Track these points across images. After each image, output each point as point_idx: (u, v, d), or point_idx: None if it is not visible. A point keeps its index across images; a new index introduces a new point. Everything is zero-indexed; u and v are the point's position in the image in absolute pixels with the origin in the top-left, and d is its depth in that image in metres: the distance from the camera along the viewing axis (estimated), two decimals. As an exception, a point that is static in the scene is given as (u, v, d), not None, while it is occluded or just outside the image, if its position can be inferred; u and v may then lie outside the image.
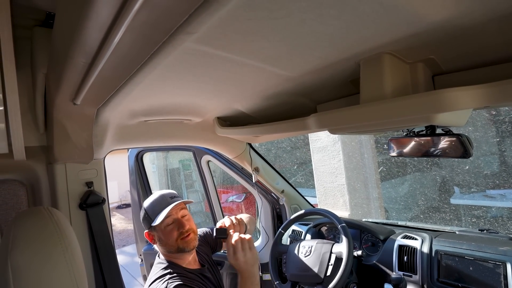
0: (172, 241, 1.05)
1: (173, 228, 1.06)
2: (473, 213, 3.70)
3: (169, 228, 1.06)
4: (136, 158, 2.20)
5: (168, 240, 1.05)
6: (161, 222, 1.04)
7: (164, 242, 1.06)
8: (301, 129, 0.92)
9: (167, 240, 1.05)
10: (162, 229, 1.05)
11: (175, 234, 1.05)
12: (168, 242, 1.05)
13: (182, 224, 1.07)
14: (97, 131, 1.00)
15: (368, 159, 3.60)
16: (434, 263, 1.11)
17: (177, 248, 1.05)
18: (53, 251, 0.57)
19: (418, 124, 0.69)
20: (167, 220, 1.05)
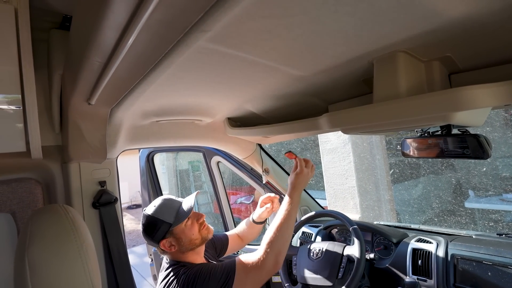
0: (195, 234, 1.05)
1: (193, 221, 1.07)
2: (489, 217, 3.59)
3: (189, 223, 1.06)
4: (147, 158, 2.23)
5: (192, 235, 1.04)
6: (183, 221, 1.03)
7: (187, 240, 1.03)
8: (313, 129, 0.91)
9: (190, 236, 1.04)
10: (183, 227, 1.03)
11: (197, 227, 1.06)
12: (192, 237, 1.04)
13: (198, 215, 1.09)
14: (110, 131, 1.01)
15: (379, 161, 3.54)
16: (450, 268, 1.08)
17: (201, 239, 1.07)
18: (68, 247, 0.58)
19: (433, 123, 0.68)
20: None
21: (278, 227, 1.00)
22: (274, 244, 0.97)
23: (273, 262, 0.94)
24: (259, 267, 0.94)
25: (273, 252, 0.96)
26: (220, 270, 0.94)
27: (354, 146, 3.47)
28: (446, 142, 0.94)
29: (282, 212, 1.04)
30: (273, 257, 0.95)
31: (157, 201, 1.05)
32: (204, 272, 0.94)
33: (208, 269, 0.95)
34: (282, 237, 0.99)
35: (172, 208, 1.04)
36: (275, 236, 0.98)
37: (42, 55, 0.98)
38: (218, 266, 0.97)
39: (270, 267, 0.94)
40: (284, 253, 0.98)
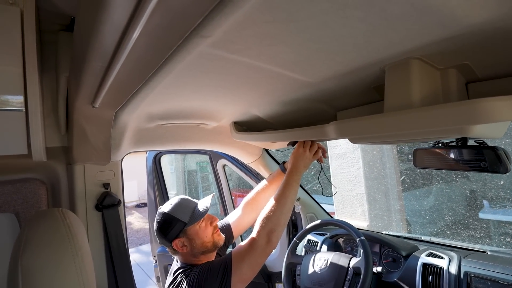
0: (208, 237, 1.04)
1: (207, 224, 1.06)
2: (504, 230, 3.44)
3: (203, 225, 1.05)
4: (154, 159, 2.23)
5: (205, 237, 1.03)
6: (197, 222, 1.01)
7: (200, 241, 1.02)
8: (320, 136, 0.88)
9: (203, 237, 1.03)
10: (197, 229, 1.02)
11: (210, 230, 1.06)
12: (205, 239, 1.03)
13: (212, 217, 1.09)
14: (115, 133, 1.01)
15: (390, 169, 3.45)
16: (463, 286, 1.02)
17: (213, 244, 1.05)
18: (63, 256, 0.57)
19: (448, 136, 0.64)
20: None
21: (273, 204, 1.00)
22: (267, 222, 0.97)
23: (265, 240, 0.94)
24: (252, 247, 0.94)
25: (265, 230, 0.96)
26: (218, 262, 0.96)
27: (364, 152, 3.39)
28: (462, 153, 0.89)
29: (278, 190, 1.03)
30: (265, 235, 0.94)
31: (174, 199, 1.05)
32: (204, 269, 0.95)
33: (207, 265, 0.97)
34: (275, 215, 0.98)
35: (188, 208, 1.03)
36: (268, 213, 0.98)
37: (51, 57, 0.99)
38: (216, 260, 0.99)
39: (262, 245, 0.94)
40: (278, 233, 0.97)
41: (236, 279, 0.91)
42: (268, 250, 0.95)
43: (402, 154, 3.69)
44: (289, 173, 1.08)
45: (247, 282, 0.95)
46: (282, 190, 1.03)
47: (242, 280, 0.93)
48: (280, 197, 1.02)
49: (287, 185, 1.05)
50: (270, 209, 1.00)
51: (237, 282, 0.91)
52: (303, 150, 1.11)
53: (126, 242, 1.18)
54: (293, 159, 1.11)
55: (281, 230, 0.99)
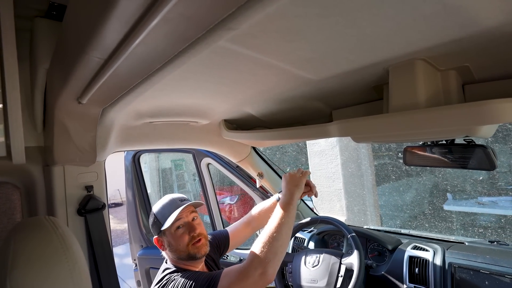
0: (183, 246, 0.99)
1: (184, 232, 1.01)
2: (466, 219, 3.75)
3: (179, 232, 1.01)
4: (133, 158, 2.12)
5: (179, 246, 0.99)
6: (170, 226, 0.98)
7: (174, 247, 1.00)
8: (320, 135, 0.88)
9: (177, 245, 1.00)
10: (172, 233, 1.00)
11: (186, 239, 1.00)
12: (179, 247, 0.99)
13: (193, 227, 1.02)
14: (100, 132, 0.93)
15: (365, 164, 3.60)
16: (448, 276, 1.08)
17: (187, 255, 1.00)
18: (60, 271, 0.50)
19: (454, 136, 0.66)
20: (177, 223, 1.00)
21: (269, 233, 0.90)
22: (262, 251, 0.86)
23: (259, 271, 0.83)
24: (243, 275, 0.83)
25: (259, 259, 0.84)
26: (205, 277, 0.89)
27: (342, 149, 3.50)
28: (451, 151, 0.94)
29: (275, 218, 0.94)
30: (259, 265, 0.83)
31: (163, 199, 1.06)
32: (190, 280, 0.89)
33: (195, 275, 0.91)
34: (272, 245, 0.87)
35: (168, 211, 1.01)
36: (264, 243, 0.88)
37: (24, 46, 0.88)
38: (204, 274, 0.92)
39: (255, 276, 0.82)
40: (274, 263, 0.86)
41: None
42: (262, 283, 0.83)
43: (376, 151, 3.86)
44: (284, 196, 1.02)
45: None
46: (277, 216, 0.94)
47: None
48: (276, 224, 0.92)
49: (284, 209, 0.96)
50: (265, 237, 0.89)
51: None
52: (289, 173, 1.08)
53: (111, 248, 1.10)
54: (285, 184, 1.06)
55: (278, 261, 0.88)
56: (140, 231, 2.13)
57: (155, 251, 2.07)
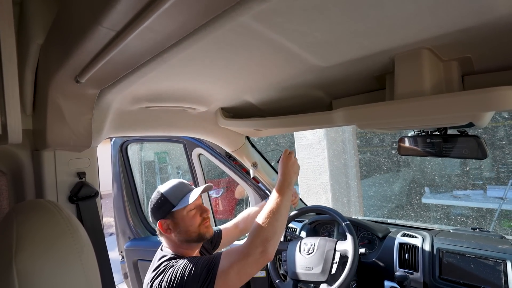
0: (194, 227, 1.03)
1: (196, 213, 1.05)
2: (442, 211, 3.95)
3: (192, 213, 1.04)
4: (121, 148, 2.05)
5: (191, 226, 1.02)
6: (184, 207, 1.01)
7: (185, 228, 1.02)
8: (324, 123, 0.88)
9: (189, 226, 1.02)
10: (184, 214, 1.02)
11: (198, 220, 1.04)
12: (190, 228, 1.02)
13: (205, 209, 1.07)
14: (96, 115, 0.89)
15: (351, 158, 3.69)
16: (436, 261, 1.14)
17: (198, 235, 1.03)
18: (68, 253, 0.48)
19: (458, 122, 0.68)
20: (190, 205, 1.03)
21: (267, 212, 0.94)
22: (262, 230, 0.89)
23: (260, 249, 0.86)
24: (244, 254, 0.86)
25: (260, 238, 0.88)
26: (205, 259, 0.91)
27: (329, 143, 3.56)
28: (445, 141, 0.98)
29: (271, 199, 0.98)
30: (260, 244, 0.87)
31: (172, 182, 1.08)
32: (190, 263, 0.90)
33: (195, 259, 0.93)
34: (271, 224, 0.91)
35: (181, 192, 1.04)
36: (264, 222, 0.91)
37: (13, 19, 0.82)
38: (204, 256, 0.94)
39: (256, 254, 0.85)
40: (274, 242, 0.90)
41: (220, 282, 0.85)
42: (262, 261, 0.87)
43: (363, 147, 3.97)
44: (280, 180, 1.04)
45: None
46: (275, 198, 0.97)
47: (227, 285, 0.86)
48: (274, 205, 0.96)
49: (280, 191, 0.99)
50: (265, 217, 0.93)
51: (221, 285, 0.85)
52: (288, 156, 1.10)
53: (104, 236, 1.06)
54: (282, 167, 1.07)
55: (277, 239, 0.92)
56: (128, 222, 2.07)
57: (143, 242, 2.03)
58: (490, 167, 3.78)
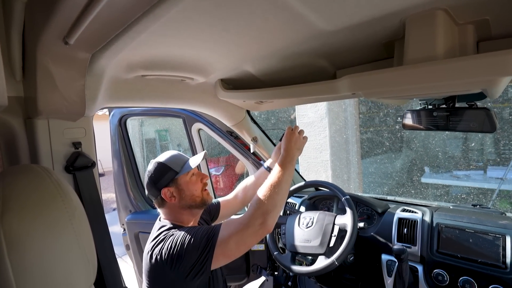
0: (198, 191, 1.06)
1: (197, 179, 1.08)
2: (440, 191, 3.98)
3: (193, 178, 1.07)
4: (119, 123, 2.02)
5: (195, 191, 1.05)
6: (187, 173, 1.04)
7: (189, 194, 1.04)
8: (327, 93, 0.84)
9: (192, 190, 1.05)
10: (187, 180, 1.05)
11: (200, 185, 1.08)
12: (195, 193, 1.05)
13: (204, 175, 1.10)
14: (90, 82, 0.85)
15: (352, 137, 3.66)
16: (435, 235, 1.14)
17: (201, 199, 1.06)
18: (58, 217, 0.46)
19: (471, 89, 0.64)
20: (191, 171, 1.06)
21: (269, 186, 0.93)
22: (262, 203, 0.90)
23: (259, 221, 0.86)
24: (244, 225, 0.87)
25: (260, 210, 0.88)
26: (205, 228, 0.92)
27: (331, 121, 3.52)
28: (453, 115, 0.94)
29: (273, 173, 0.98)
30: (260, 216, 0.87)
31: (168, 152, 1.10)
32: (190, 231, 0.92)
33: (194, 228, 0.94)
34: (271, 197, 0.91)
35: (181, 160, 1.07)
36: (264, 194, 0.91)
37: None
38: (203, 227, 0.94)
39: (255, 226, 0.86)
40: (274, 215, 0.90)
41: (219, 251, 0.86)
42: (261, 233, 0.88)
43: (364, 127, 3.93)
44: (283, 155, 1.04)
45: (231, 259, 0.90)
46: (277, 173, 0.97)
47: (226, 255, 0.88)
48: (276, 179, 0.95)
49: (282, 166, 0.99)
50: (266, 190, 0.93)
51: (220, 254, 0.87)
52: (292, 132, 1.12)
53: (103, 207, 1.06)
54: (285, 142, 1.08)
55: (277, 212, 0.92)
56: (128, 196, 2.09)
57: (144, 216, 2.05)
58: (491, 148, 3.76)
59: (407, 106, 2.88)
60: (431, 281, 1.08)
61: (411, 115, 1.05)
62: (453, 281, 1.03)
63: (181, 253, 0.87)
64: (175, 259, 0.87)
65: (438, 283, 1.06)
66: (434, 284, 1.07)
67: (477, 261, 1.01)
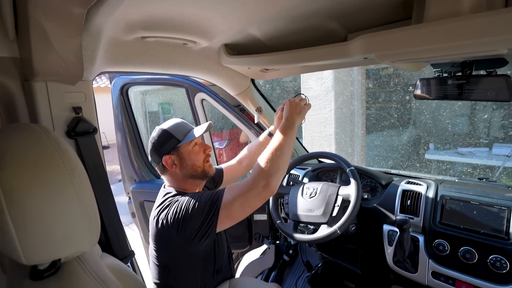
0: (200, 162, 1.06)
1: (200, 149, 1.07)
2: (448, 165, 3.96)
3: (196, 148, 1.06)
4: (121, 92, 1.98)
5: (196, 161, 1.05)
6: (190, 142, 1.04)
7: (191, 163, 1.04)
8: (337, 56, 0.80)
9: (194, 160, 1.04)
10: (189, 149, 1.05)
11: (202, 156, 1.07)
12: (196, 163, 1.05)
13: (207, 146, 1.10)
14: (87, 42, 0.80)
15: (357, 111, 3.59)
16: (438, 207, 1.14)
17: (202, 170, 1.06)
18: (57, 174, 0.45)
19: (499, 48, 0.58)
20: (194, 140, 1.06)
21: (271, 151, 0.92)
22: (266, 166, 0.89)
23: (263, 183, 0.87)
24: (248, 187, 0.88)
25: (264, 173, 0.88)
26: (209, 192, 0.93)
27: (337, 94, 3.43)
28: (469, 83, 0.89)
29: (277, 139, 0.96)
30: (263, 178, 0.88)
31: (173, 120, 1.09)
32: (194, 196, 0.93)
33: (198, 193, 0.95)
34: (274, 160, 0.90)
35: (185, 128, 1.06)
36: (267, 159, 0.91)
37: None
38: (207, 192, 0.95)
39: (259, 188, 0.86)
40: (277, 177, 0.90)
41: (224, 213, 0.88)
42: (265, 194, 0.88)
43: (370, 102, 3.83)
44: (284, 122, 1.02)
45: (236, 221, 0.91)
46: (279, 136, 0.96)
47: (230, 217, 0.89)
48: (277, 144, 0.94)
49: (283, 132, 0.97)
50: (268, 154, 0.92)
51: (224, 217, 0.88)
52: (294, 100, 1.10)
53: (106, 173, 1.06)
54: (287, 109, 1.06)
55: (281, 175, 0.92)
56: (132, 166, 2.10)
57: (148, 185, 2.08)
58: (498, 125, 3.68)
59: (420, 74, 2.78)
60: (431, 251, 1.09)
61: (423, 84, 1.01)
62: (454, 251, 1.04)
63: (186, 217, 0.88)
64: (180, 222, 0.88)
65: (438, 252, 1.07)
66: (434, 253, 1.08)
67: (480, 232, 1.01)
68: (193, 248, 0.93)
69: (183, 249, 0.94)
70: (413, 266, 1.12)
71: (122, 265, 0.96)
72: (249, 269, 1.99)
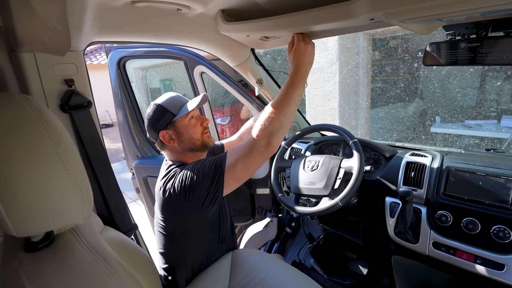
0: (198, 135, 1.05)
1: (197, 122, 1.06)
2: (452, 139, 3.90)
3: (193, 121, 1.05)
4: (118, 65, 1.92)
5: (194, 134, 1.04)
6: (186, 115, 1.02)
7: (188, 137, 1.04)
8: (341, 18, 0.73)
9: (192, 134, 1.04)
10: (186, 123, 1.04)
11: (200, 128, 1.06)
12: (194, 136, 1.04)
13: (204, 118, 1.09)
14: (72, 7, 0.75)
15: (362, 81, 3.48)
16: (442, 178, 1.11)
17: (201, 142, 1.06)
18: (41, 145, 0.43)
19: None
20: (190, 113, 1.05)
21: (275, 106, 0.88)
22: (268, 124, 0.87)
23: (264, 142, 0.86)
24: (249, 148, 0.87)
25: (265, 132, 0.86)
26: (212, 158, 0.94)
27: (341, 65, 3.31)
28: (483, 45, 0.83)
29: (281, 91, 0.91)
30: (264, 138, 0.86)
31: (167, 94, 1.07)
32: (198, 163, 0.94)
33: (200, 161, 0.96)
34: (277, 118, 0.87)
35: (179, 102, 1.04)
36: (270, 115, 0.88)
37: None
38: (210, 158, 0.96)
39: (261, 147, 0.86)
40: (279, 136, 0.88)
41: (229, 176, 0.89)
42: (267, 153, 0.88)
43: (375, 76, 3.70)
44: (294, 72, 0.92)
45: (241, 181, 0.93)
46: (285, 91, 0.90)
47: (235, 178, 0.91)
48: (284, 98, 0.89)
49: (292, 85, 0.90)
50: (272, 111, 0.88)
51: (230, 179, 0.90)
52: (304, 43, 0.94)
53: (104, 147, 1.05)
54: (297, 55, 0.94)
55: (282, 134, 0.90)
56: (134, 142, 2.10)
57: (150, 160, 2.08)
58: (508, 97, 3.55)
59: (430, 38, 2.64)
60: (433, 222, 1.09)
61: (433, 49, 0.94)
62: (456, 222, 1.03)
63: (192, 184, 0.89)
64: (187, 190, 0.89)
65: (440, 223, 1.06)
66: (436, 224, 1.08)
67: (484, 203, 1.00)
68: (202, 214, 0.95)
69: (191, 217, 0.96)
70: (414, 237, 1.12)
71: (125, 238, 0.98)
72: (253, 241, 2.04)
